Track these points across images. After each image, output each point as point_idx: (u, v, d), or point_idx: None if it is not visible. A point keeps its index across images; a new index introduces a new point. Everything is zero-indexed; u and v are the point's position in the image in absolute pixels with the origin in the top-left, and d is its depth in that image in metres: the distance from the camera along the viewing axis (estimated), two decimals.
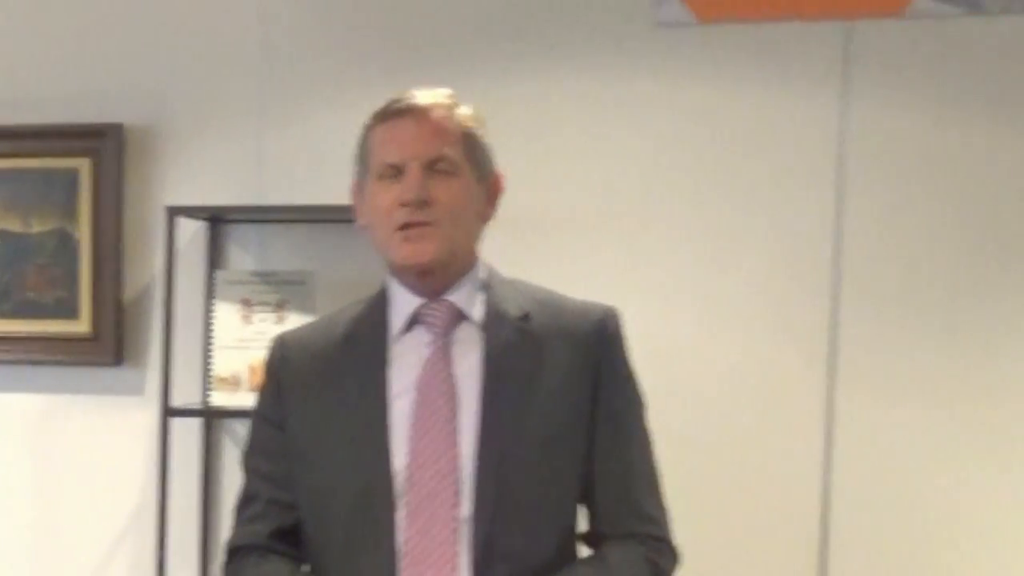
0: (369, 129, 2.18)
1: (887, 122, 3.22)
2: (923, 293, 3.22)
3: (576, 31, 3.37)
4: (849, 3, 3.22)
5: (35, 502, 3.66)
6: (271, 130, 3.55)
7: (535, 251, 3.30)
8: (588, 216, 3.36)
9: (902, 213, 3.23)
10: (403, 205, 2.09)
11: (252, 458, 2.26)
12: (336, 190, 3.34)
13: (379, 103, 2.19)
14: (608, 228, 3.36)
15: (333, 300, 3.18)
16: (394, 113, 2.14)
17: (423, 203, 2.08)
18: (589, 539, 2.20)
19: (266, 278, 3.41)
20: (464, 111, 2.17)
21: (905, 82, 3.21)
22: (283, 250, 3.55)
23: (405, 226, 2.09)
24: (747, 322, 3.29)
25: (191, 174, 3.59)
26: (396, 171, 2.11)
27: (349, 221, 3.28)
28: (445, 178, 2.11)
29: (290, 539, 2.19)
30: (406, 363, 2.15)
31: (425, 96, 2.15)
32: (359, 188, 2.22)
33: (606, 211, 3.36)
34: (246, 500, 2.25)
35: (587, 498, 2.18)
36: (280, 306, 3.38)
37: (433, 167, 2.10)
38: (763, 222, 3.29)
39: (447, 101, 2.16)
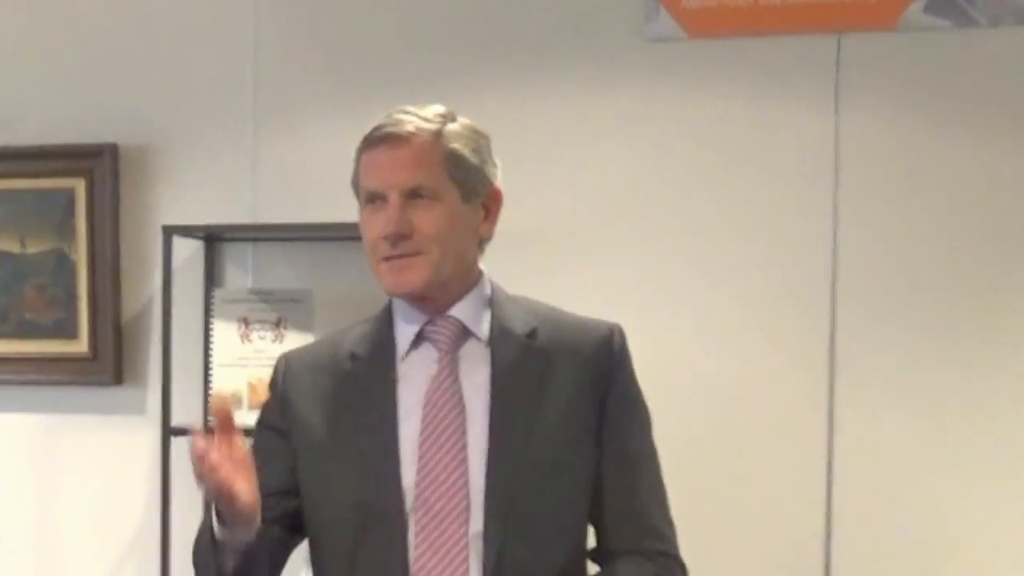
0: (359, 154, 2.16)
1: (880, 133, 3.23)
2: (920, 302, 3.23)
3: (567, 47, 3.38)
4: (840, 16, 3.22)
5: (36, 523, 3.67)
6: (265, 148, 3.55)
7: (528, 267, 3.23)
8: (581, 232, 3.37)
9: (897, 223, 3.23)
10: (384, 239, 2.08)
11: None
12: (332, 207, 3.35)
13: (371, 120, 2.17)
14: (601, 244, 3.36)
15: (331, 317, 3.21)
16: (375, 140, 2.11)
17: (402, 236, 2.07)
18: (597, 556, 2.19)
19: (264, 296, 3.41)
20: (452, 128, 2.13)
21: (896, 94, 3.22)
22: (280, 268, 3.55)
23: (387, 257, 2.09)
24: (745, 335, 3.30)
25: (187, 193, 3.60)
26: (379, 198, 2.10)
27: (346, 239, 3.33)
28: (427, 204, 2.08)
29: (285, 525, 2.16)
30: (414, 381, 2.14)
31: (408, 119, 2.11)
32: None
33: (599, 227, 3.36)
34: None
35: (595, 515, 2.17)
36: (278, 324, 3.38)
37: (414, 194, 2.08)
38: (759, 235, 3.29)
39: (430, 124, 2.11)
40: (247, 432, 3.29)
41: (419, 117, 2.12)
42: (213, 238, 3.55)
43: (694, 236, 3.32)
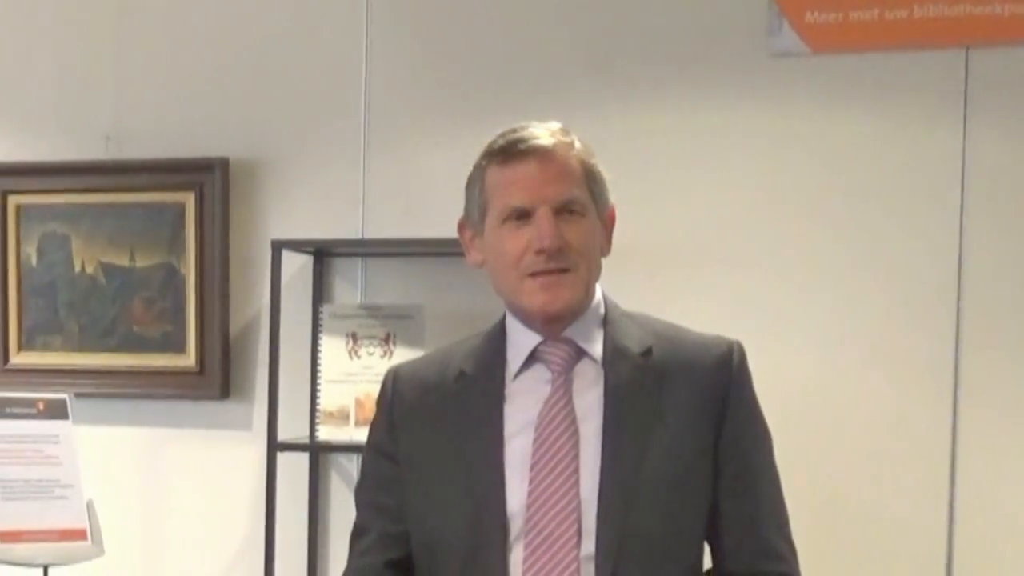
0: (485, 169, 2.09)
1: (1009, 150, 3.14)
2: None
3: (689, 62, 3.33)
4: (968, 29, 3.14)
5: (143, 536, 3.67)
6: (376, 163, 3.54)
7: (643, 284, 3.21)
8: (697, 249, 3.31)
9: None
10: (539, 253, 2.02)
11: (364, 490, 2.23)
12: (441, 223, 3.31)
13: (482, 134, 2.11)
14: (719, 261, 3.30)
15: (441, 333, 3.18)
16: (516, 154, 2.05)
17: (559, 251, 2.02)
18: None
19: (373, 312, 3.39)
20: (581, 145, 2.10)
21: None
22: (389, 283, 3.53)
23: (537, 273, 2.04)
24: (866, 357, 3.22)
25: (296, 208, 3.59)
26: (523, 214, 2.04)
27: (456, 254, 3.29)
28: (576, 220, 2.04)
29: (404, 570, 2.15)
30: (523, 401, 2.09)
31: (543, 133, 2.07)
32: (469, 227, 2.16)
33: (716, 244, 3.30)
34: (358, 532, 2.20)
35: (712, 536, 2.12)
36: (387, 340, 3.35)
37: (563, 209, 2.04)
38: (881, 254, 3.22)
39: (565, 138, 2.08)
40: (353, 448, 3.32)
41: (551, 132, 2.08)
42: (322, 253, 3.54)
43: (815, 254, 3.26)
